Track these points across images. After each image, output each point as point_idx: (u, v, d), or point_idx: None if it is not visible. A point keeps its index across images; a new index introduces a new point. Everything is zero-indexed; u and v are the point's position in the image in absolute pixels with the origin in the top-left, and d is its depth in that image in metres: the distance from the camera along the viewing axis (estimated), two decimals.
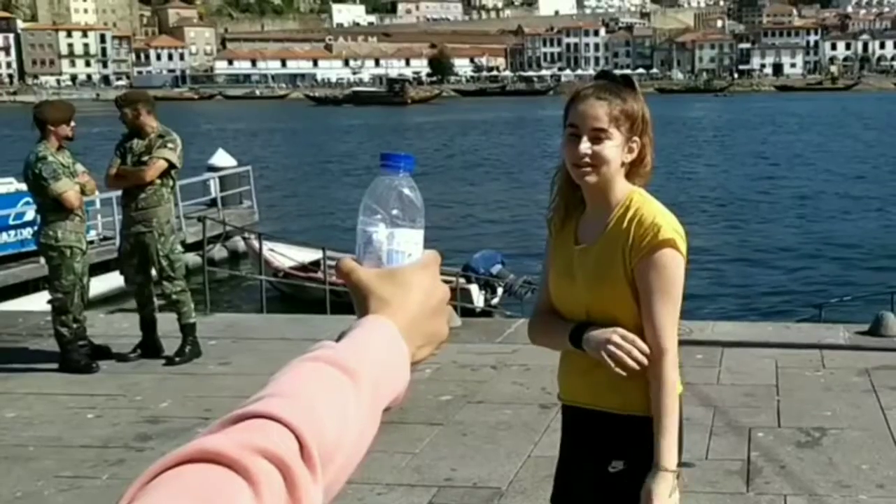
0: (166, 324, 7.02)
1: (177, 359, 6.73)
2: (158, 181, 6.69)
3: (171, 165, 6.71)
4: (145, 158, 6.65)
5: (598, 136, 2.27)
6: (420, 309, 0.91)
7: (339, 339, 0.85)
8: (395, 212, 0.94)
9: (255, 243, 12.13)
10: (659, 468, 2.24)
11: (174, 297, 6.78)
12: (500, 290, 13.02)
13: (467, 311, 11.03)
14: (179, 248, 6.99)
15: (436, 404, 5.66)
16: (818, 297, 12.28)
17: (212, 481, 0.62)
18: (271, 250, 13.15)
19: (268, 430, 0.67)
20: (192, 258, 13.92)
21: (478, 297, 12.77)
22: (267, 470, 0.64)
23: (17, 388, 6.21)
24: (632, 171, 2.38)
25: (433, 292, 0.93)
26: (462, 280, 12.48)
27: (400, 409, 5.60)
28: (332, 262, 13.40)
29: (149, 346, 6.89)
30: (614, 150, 2.29)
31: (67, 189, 6.47)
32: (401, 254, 0.94)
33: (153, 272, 6.83)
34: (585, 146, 2.27)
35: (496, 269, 13.08)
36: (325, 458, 0.70)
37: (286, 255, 13.57)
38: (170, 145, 6.69)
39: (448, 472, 4.64)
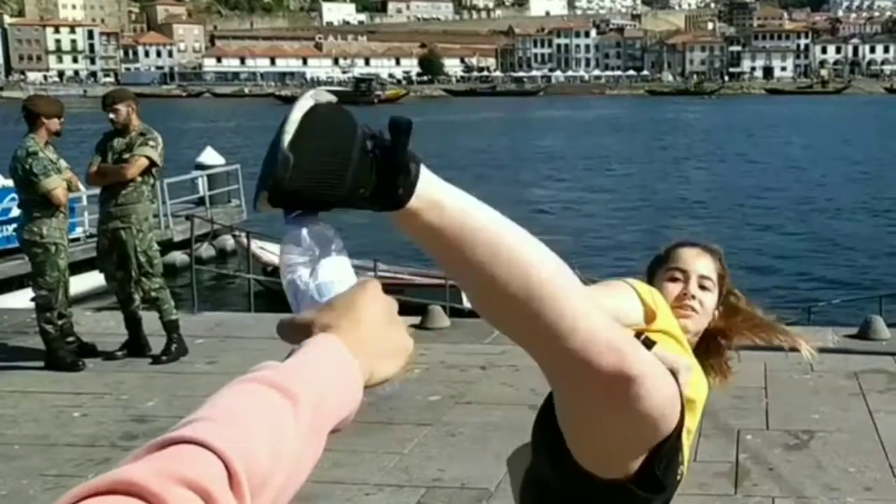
0: (153, 322, 6.98)
1: (163, 357, 6.70)
2: (139, 178, 6.67)
3: (153, 163, 6.69)
4: (126, 156, 6.63)
5: (703, 285, 2.27)
6: (368, 324, 0.89)
7: (286, 359, 0.83)
8: (307, 249, 0.94)
9: (245, 240, 12.08)
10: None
11: (153, 294, 6.74)
12: None
13: (456, 312, 11.00)
14: (156, 245, 6.96)
15: (424, 405, 5.65)
16: (807, 299, 12.31)
17: None
18: (261, 248, 13.10)
19: (193, 457, 0.66)
20: (180, 256, 13.88)
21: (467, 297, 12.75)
22: (188, 499, 0.62)
23: (2, 387, 6.16)
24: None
25: (377, 305, 0.91)
26: (452, 280, 12.46)
27: (389, 409, 5.59)
28: None
29: (135, 345, 6.85)
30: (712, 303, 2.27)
31: (57, 186, 6.45)
32: (331, 284, 0.93)
33: (133, 269, 6.78)
34: (694, 288, 2.25)
35: None
36: (257, 481, 0.69)
37: (276, 254, 13.52)
38: (151, 143, 6.67)
39: (436, 473, 4.62)
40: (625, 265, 17.18)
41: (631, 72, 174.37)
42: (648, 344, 1.89)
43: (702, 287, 2.25)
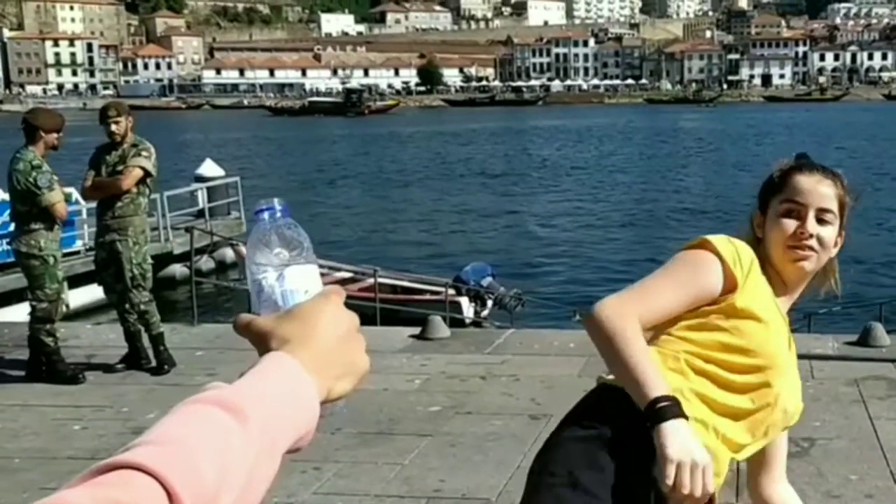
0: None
1: (165, 367, 6.70)
2: (135, 190, 6.66)
3: (147, 173, 6.68)
4: (120, 168, 6.63)
5: (822, 218, 2.02)
6: (327, 340, 0.87)
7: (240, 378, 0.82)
8: (277, 252, 0.91)
9: (244, 250, 12.09)
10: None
11: (142, 307, 6.72)
12: (489, 303, 13.02)
13: (457, 322, 11.01)
14: (150, 259, 6.96)
15: (425, 415, 5.64)
16: (807, 306, 12.30)
17: None
18: None
19: (132, 483, 0.65)
20: (180, 269, 13.89)
21: (467, 309, 12.76)
22: None
23: (1, 400, 6.15)
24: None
25: (338, 321, 0.89)
26: (451, 291, 12.47)
27: (389, 420, 5.59)
28: (324, 271, 13.37)
29: (135, 357, 6.85)
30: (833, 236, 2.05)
31: (60, 200, 6.47)
32: (296, 292, 0.90)
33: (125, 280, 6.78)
34: (812, 225, 2.01)
35: (486, 281, 13.09)
36: (203, 501, 0.68)
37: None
38: (144, 153, 6.66)
39: (437, 484, 4.61)
40: (619, 275, 17.16)
41: (629, 80, 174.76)
42: (674, 414, 1.72)
43: (820, 220, 2.01)
